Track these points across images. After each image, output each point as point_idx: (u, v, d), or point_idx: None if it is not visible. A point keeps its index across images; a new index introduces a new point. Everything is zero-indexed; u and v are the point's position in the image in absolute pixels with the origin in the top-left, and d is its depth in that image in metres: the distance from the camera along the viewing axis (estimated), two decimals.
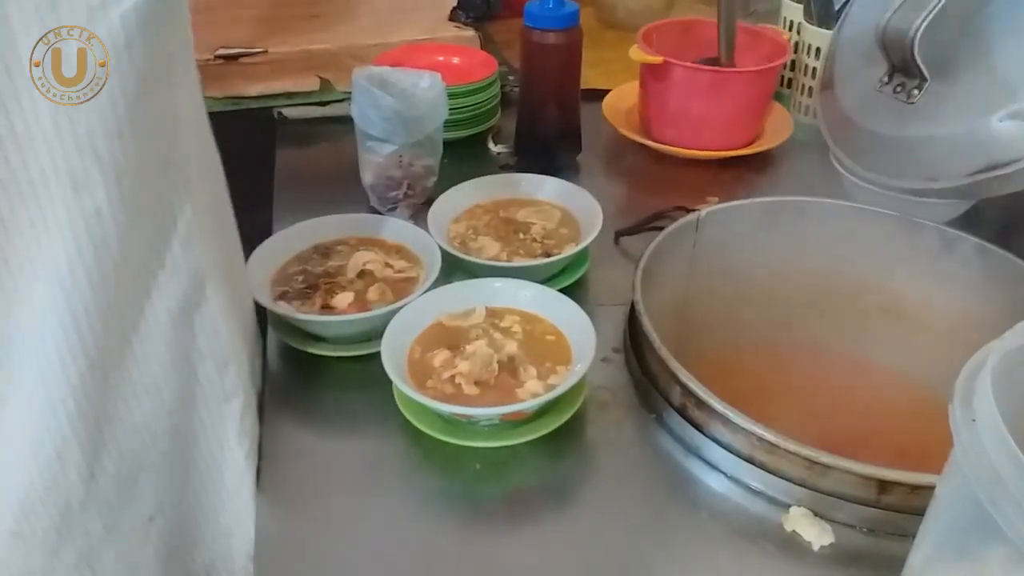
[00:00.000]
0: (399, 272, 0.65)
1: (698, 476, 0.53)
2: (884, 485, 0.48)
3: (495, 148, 0.90)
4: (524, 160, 0.86)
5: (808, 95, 0.95)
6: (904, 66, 0.63)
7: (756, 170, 0.88)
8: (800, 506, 0.50)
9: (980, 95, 0.59)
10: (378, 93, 0.71)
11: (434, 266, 0.63)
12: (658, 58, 0.83)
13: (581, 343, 0.57)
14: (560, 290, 0.62)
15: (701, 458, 0.54)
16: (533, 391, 0.54)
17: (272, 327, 0.63)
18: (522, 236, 0.70)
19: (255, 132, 0.91)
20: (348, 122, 0.75)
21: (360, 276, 0.64)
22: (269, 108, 0.93)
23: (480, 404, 0.53)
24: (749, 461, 0.51)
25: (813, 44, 0.93)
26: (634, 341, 0.61)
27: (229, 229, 0.53)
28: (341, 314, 0.61)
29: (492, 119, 0.92)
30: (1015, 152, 0.56)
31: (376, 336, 0.57)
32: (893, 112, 0.64)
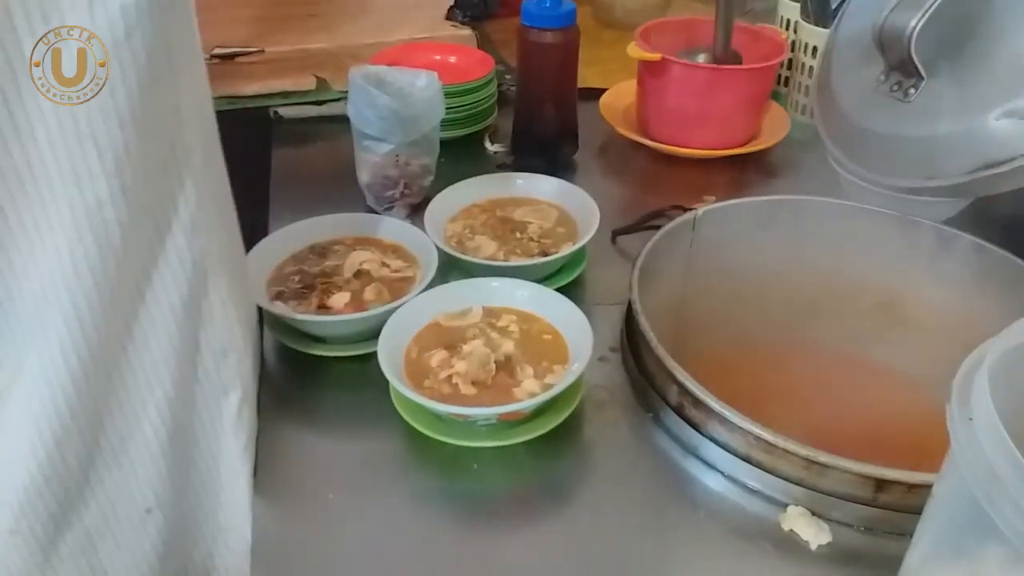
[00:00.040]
0: (396, 272, 0.65)
1: (695, 475, 0.53)
2: (881, 484, 0.48)
3: (492, 147, 0.90)
4: (521, 159, 0.86)
5: (805, 94, 0.95)
6: (901, 65, 0.63)
7: (753, 169, 0.88)
8: (797, 505, 0.50)
9: (977, 93, 0.59)
10: (375, 92, 0.71)
11: (431, 266, 0.63)
12: (656, 55, 0.83)
13: (578, 342, 0.57)
14: (557, 289, 0.62)
15: (698, 457, 0.54)
16: (530, 391, 0.54)
17: (268, 327, 0.62)
18: (519, 235, 0.70)
19: (251, 131, 0.91)
20: (344, 121, 0.75)
21: (357, 276, 0.64)
22: (265, 107, 0.92)
23: (477, 404, 0.53)
24: (746, 460, 0.51)
25: (810, 43, 0.93)
26: (631, 340, 0.61)
27: (231, 221, 0.52)
28: (338, 314, 0.61)
29: (489, 118, 0.92)
30: (1012, 150, 0.56)
31: (373, 336, 0.57)
32: (890, 110, 0.64)
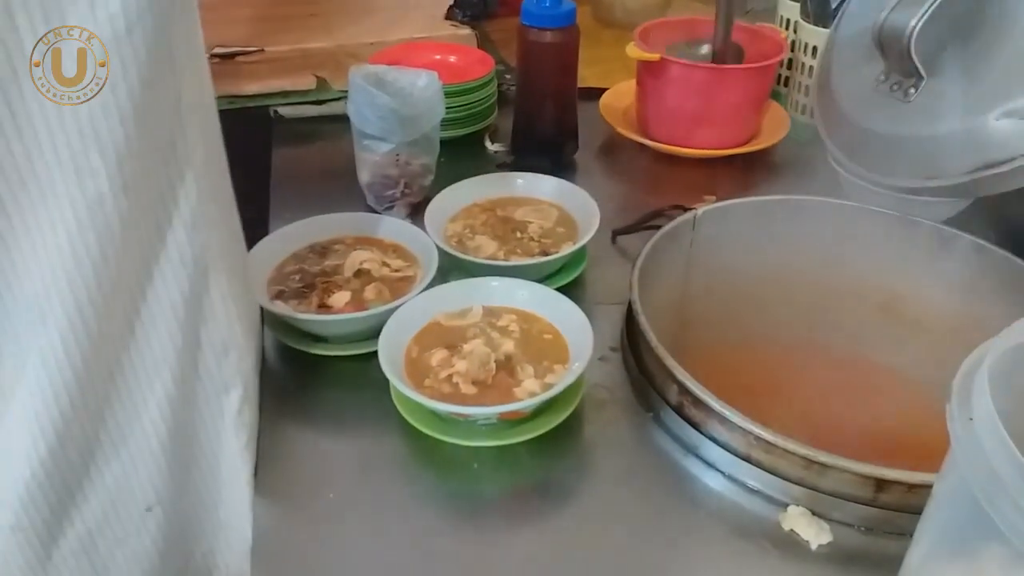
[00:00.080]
0: (396, 271, 0.65)
1: (696, 475, 0.53)
2: (881, 484, 0.48)
3: (492, 147, 0.90)
4: (521, 159, 0.86)
5: (805, 94, 0.95)
6: (901, 64, 0.63)
7: (753, 169, 0.88)
8: (798, 505, 0.50)
9: (977, 93, 0.59)
10: (375, 92, 0.71)
11: (431, 265, 0.63)
12: (655, 55, 0.83)
13: (578, 342, 0.57)
14: (557, 289, 0.62)
15: (699, 457, 0.54)
16: (530, 390, 0.54)
17: (269, 326, 0.62)
18: (519, 235, 0.70)
19: (251, 131, 0.91)
20: (345, 121, 0.75)
21: (357, 275, 0.64)
22: (265, 107, 0.92)
23: (478, 403, 0.53)
24: (747, 460, 0.51)
25: (810, 42, 0.93)
26: (631, 340, 0.61)
27: (232, 217, 0.52)
28: (338, 313, 0.61)
29: (489, 118, 0.92)
30: (1012, 150, 0.56)
31: (373, 335, 0.57)
32: (890, 110, 0.64)
